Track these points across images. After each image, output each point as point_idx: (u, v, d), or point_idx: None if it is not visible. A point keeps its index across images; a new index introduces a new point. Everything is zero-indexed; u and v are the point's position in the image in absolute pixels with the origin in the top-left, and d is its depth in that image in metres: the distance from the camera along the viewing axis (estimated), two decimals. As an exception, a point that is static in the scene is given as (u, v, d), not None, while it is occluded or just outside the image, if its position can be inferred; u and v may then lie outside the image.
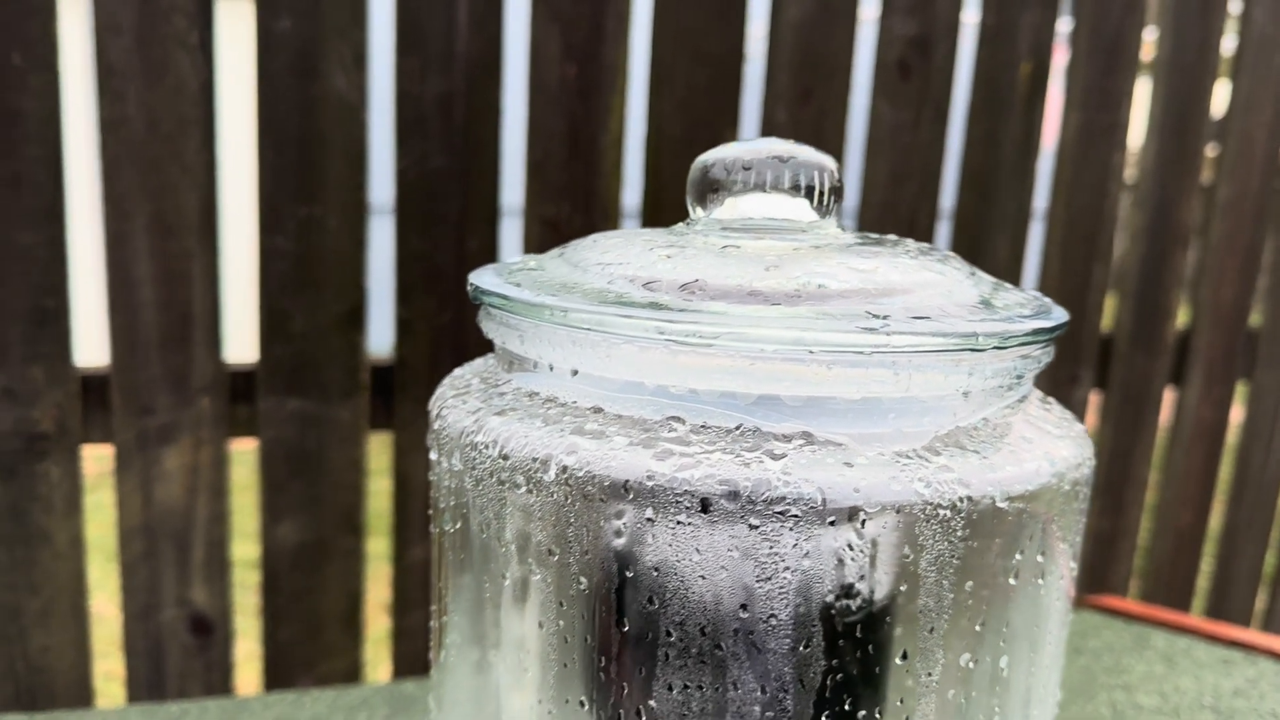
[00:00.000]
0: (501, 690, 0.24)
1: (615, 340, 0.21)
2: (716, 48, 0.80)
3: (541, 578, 0.22)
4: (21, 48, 0.67)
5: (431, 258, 0.78)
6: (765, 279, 0.22)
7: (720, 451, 0.21)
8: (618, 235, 0.26)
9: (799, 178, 0.25)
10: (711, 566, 0.20)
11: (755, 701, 0.21)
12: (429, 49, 0.75)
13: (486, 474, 0.23)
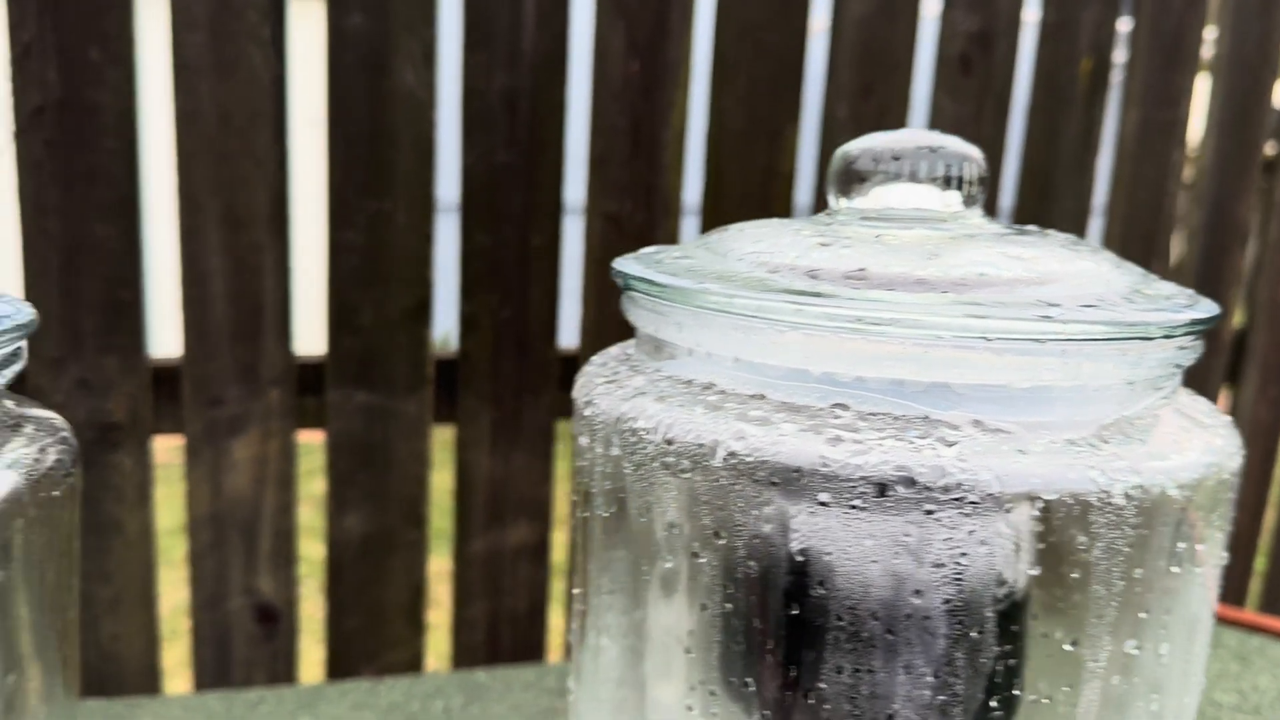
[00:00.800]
0: (653, 671, 0.24)
1: (782, 327, 0.22)
2: (779, 43, 0.80)
3: (706, 561, 0.22)
4: (99, 43, 0.68)
5: (495, 253, 0.78)
6: (928, 267, 0.22)
7: (892, 438, 0.21)
8: (761, 225, 0.27)
9: (948, 168, 0.25)
10: (885, 552, 0.21)
11: (926, 686, 0.21)
12: (496, 45, 0.75)
13: (648, 459, 0.23)
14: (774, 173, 0.82)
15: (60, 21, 0.67)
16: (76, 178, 0.69)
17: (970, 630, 0.21)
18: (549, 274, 0.79)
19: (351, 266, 0.75)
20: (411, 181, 0.75)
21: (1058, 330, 0.20)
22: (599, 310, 0.81)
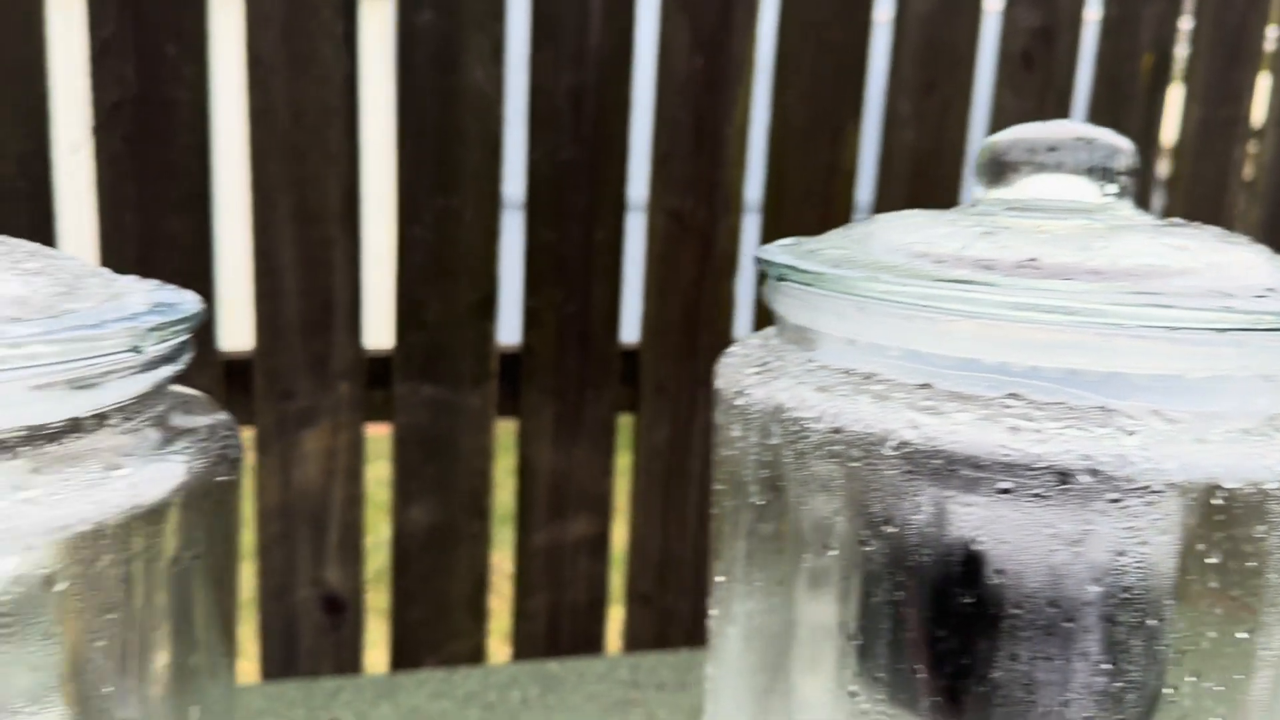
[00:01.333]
0: (805, 659, 0.25)
1: (955, 316, 0.22)
2: (842, 39, 0.80)
3: (875, 549, 0.23)
4: (176, 39, 0.69)
5: (559, 249, 0.79)
6: (1096, 258, 0.23)
7: (1071, 427, 0.21)
8: (907, 217, 0.27)
9: (1101, 159, 0.25)
10: (1065, 540, 0.21)
11: (1104, 674, 0.21)
12: (562, 42, 0.76)
13: (812, 448, 0.23)
14: (836, 169, 0.82)
15: (139, 18, 0.68)
16: (152, 172, 0.70)
17: (1149, 618, 0.21)
18: (612, 269, 0.80)
19: (419, 262, 0.75)
20: (479, 178, 0.76)
21: (1239, 320, 0.21)
22: (660, 305, 0.82)
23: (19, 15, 0.67)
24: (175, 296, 0.25)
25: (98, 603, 0.21)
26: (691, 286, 0.81)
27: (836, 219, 0.83)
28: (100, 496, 0.21)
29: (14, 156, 0.68)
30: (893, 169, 0.84)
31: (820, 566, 0.24)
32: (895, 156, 0.84)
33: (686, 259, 0.81)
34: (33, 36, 0.67)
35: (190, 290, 0.26)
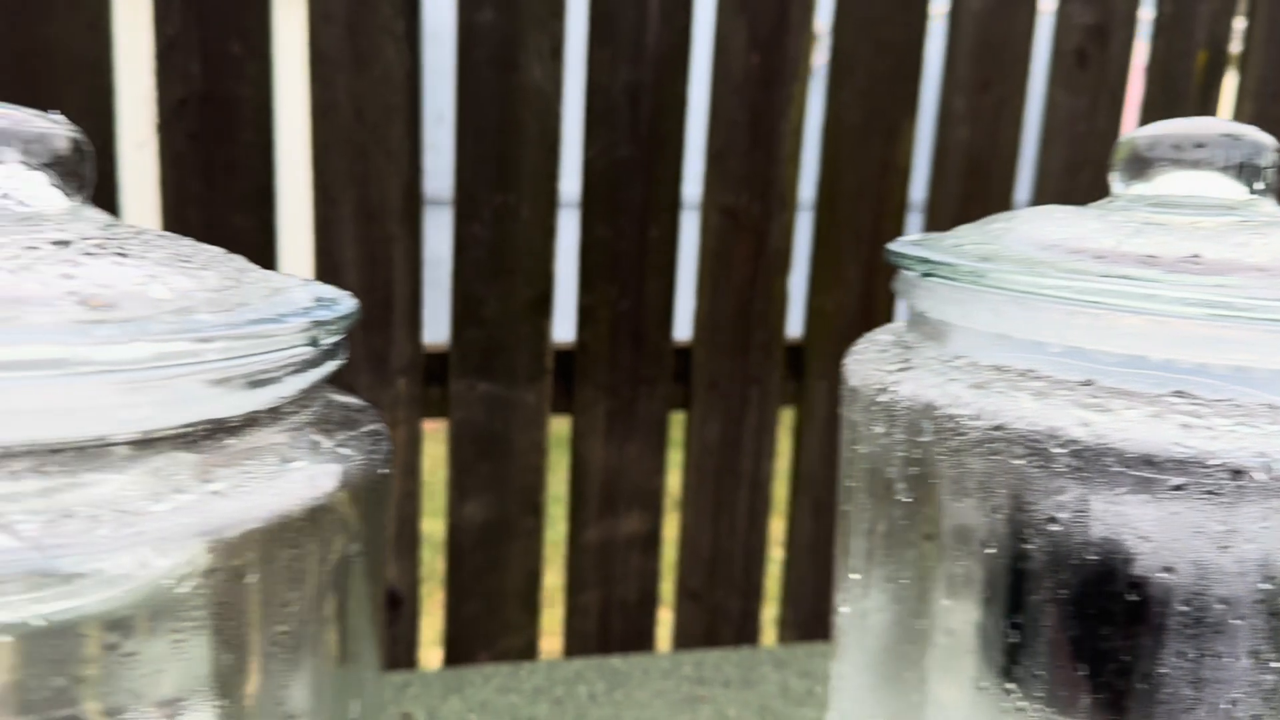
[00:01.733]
0: (953, 656, 0.25)
1: (1121, 313, 0.22)
2: (898, 37, 0.80)
3: (1037, 545, 0.23)
4: (240, 37, 0.69)
5: (613, 246, 0.79)
6: (1257, 254, 0.23)
7: (1242, 424, 0.21)
8: (1053, 212, 0.27)
9: (1247, 156, 0.25)
10: (1240, 536, 0.21)
11: (1274, 671, 0.21)
12: (620, 40, 0.76)
13: (969, 445, 0.23)
14: (890, 166, 0.82)
15: (203, 16, 0.68)
16: (217, 169, 0.70)
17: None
18: (666, 266, 0.80)
19: (477, 259, 0.76)
20: (536, 175, 0.76)
21: None
22: (713, 302, 0.82)
23: (87, 14, 0.67)
24: (331, 292, 0.25)
25: (275, 595, 0.21)
26: (745, 284, 0.82)
27: (890, 216, 0.83)
28: (280, 490, 0.21)
29: (81, 153, 0.69)
30: (946, 166, 0.84)
31: (974, 564, 0.24)
32: (949, 154, 0.84)
33: (740, 256, 0.81)
34: (99, 34, 0.68)
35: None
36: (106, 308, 0.20)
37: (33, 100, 0.67)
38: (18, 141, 0.22)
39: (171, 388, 0.20)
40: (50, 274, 0.20)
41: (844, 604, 0.29)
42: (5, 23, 0.66)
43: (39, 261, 0.20)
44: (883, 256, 0.83)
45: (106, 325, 0.19)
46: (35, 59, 0.67)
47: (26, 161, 0.22)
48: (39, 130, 0.22)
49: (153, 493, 0.19)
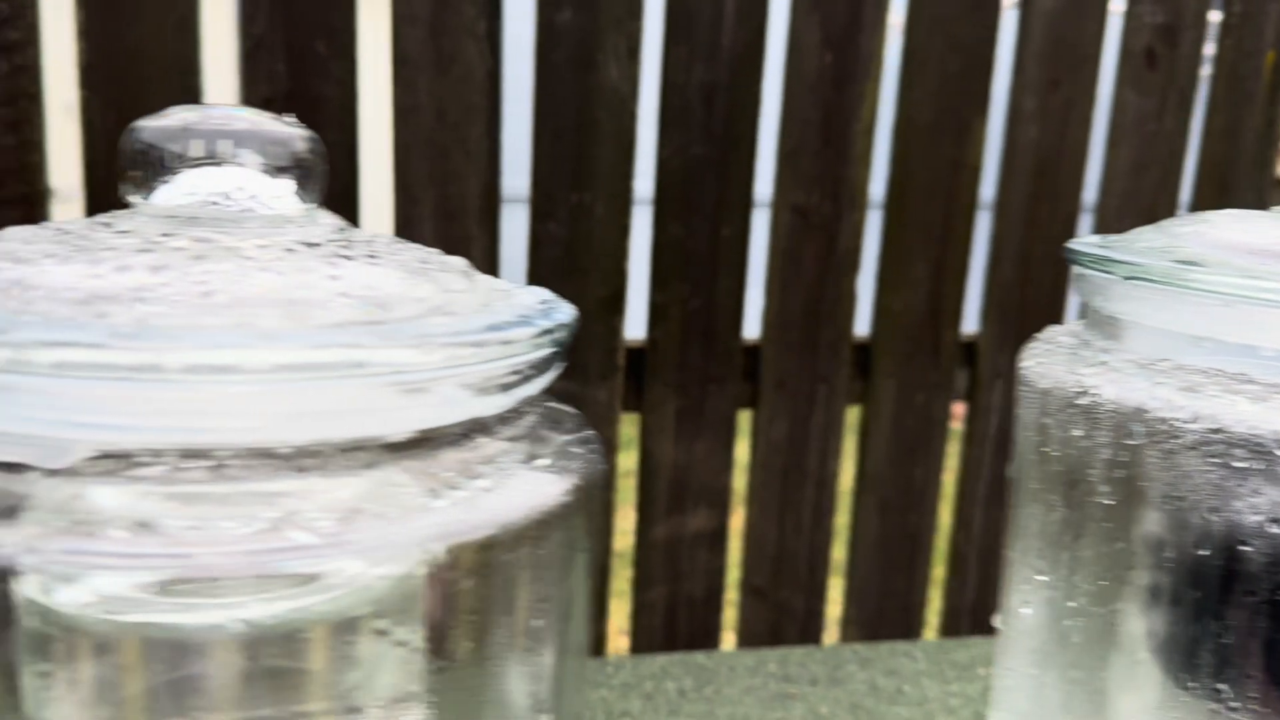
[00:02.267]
0: (1144, 659, 0.25)
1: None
2: (969, 36, 0.81)
3: (1257, 548, 0.23)
4: (325, 36, 0.70)
5: (686, 244, 0.80)
6: None
7: None
8: (1236, 216, 0.27)
9: None
10: None
11: None
12: (696, 39, 0.76)
13: (1183, 449, 0.24)
14: (960, 165, 0.82)
15: (290, 16, 0.69)
16: (301, 169, 0.71)
17: None
18: (737, 265, 0.80)
19: (552, 257, 0.76)
20: (611, 174, 0.76)
21: None
22: (782, 301, 0.82)
23: (175, 15, 0.68)
24: (548, 295, 0.26)
25: (518, 594, 0.22)
26: (814, 282, 0.82)
27: (959, 215, 0.83)
28: (528, 491, 0.22)
29: (168, 152, 0.69)
30: (1015, 165, 0.84)
31: (1185, 566, 0.24)
32: (1018, 153, 0.84)
33: (810, 255, 0.81)
34: (187, 34, 0.68)
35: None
36: (381, 309, 0.20)
37: (122, 99, 0.67)
38: (259, 144, 0.22)
39: (438, 391, 0.20)
40: (317, 276, 0.20)
41: (1024, 605, 0.29)
42: (96, 23, 0.67)
43: (302, 263, 0.21)
44: (953, 255, 0.83)
45: (396, 327, 0.19)
46: (124, 59, 0.68)
47: (267, 164, 0.23)
48: (279, 134, 0.23)
49: (427, 490, 0.20)
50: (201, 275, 0.19)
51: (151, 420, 0.18)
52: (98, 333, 0.17)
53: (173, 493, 0.18)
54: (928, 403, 0.85)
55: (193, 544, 0.18)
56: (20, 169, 0.68)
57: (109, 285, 0.19)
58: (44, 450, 0.17)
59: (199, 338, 0.17)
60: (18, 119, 0.67)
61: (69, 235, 0.21)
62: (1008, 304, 0.86)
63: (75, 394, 0.17)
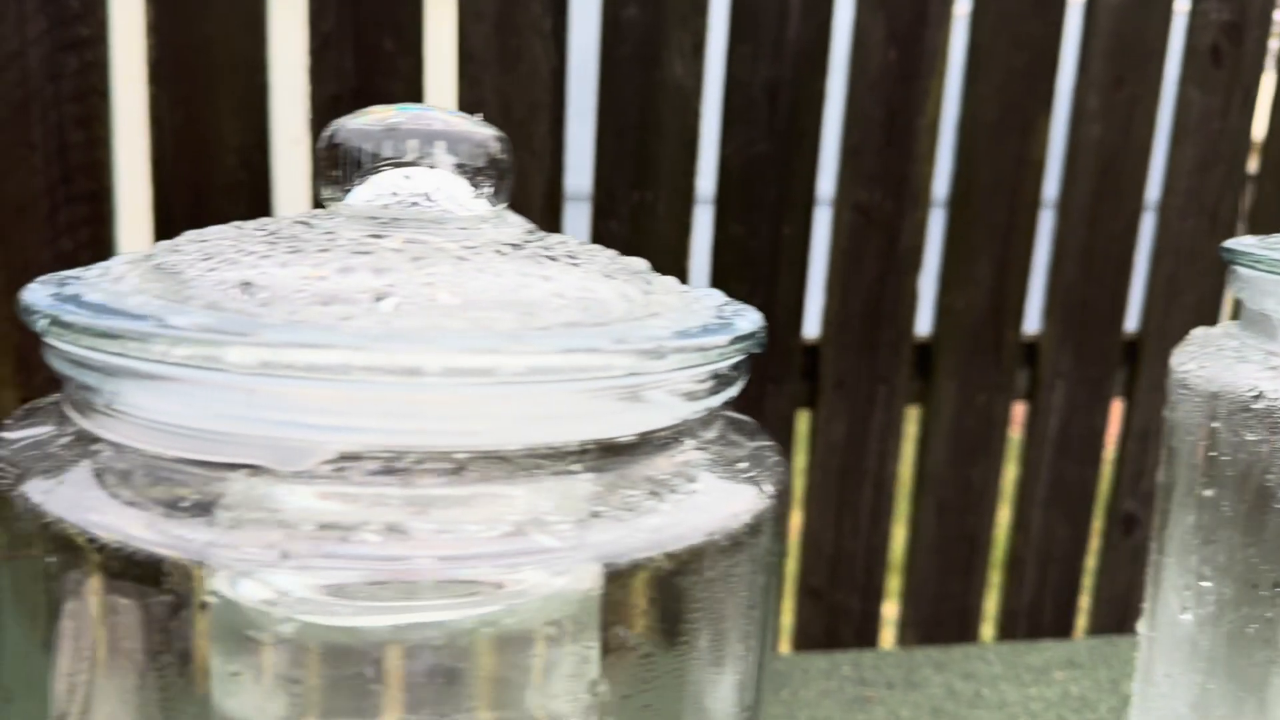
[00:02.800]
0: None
1: None
2: (1035, 32, 0.80)
3: None
4: (393, 33, 0.70)
5: (747, 243, 0.79)
6: None
7: None
8: None
9: None
10: None
11: None
12: (761, 36, 0.76)
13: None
14: (1024, 163, 0.81)
15: (358, 13, 0.69)
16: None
17: None
18: (798, 264, 0.80)
19: (616, 255, 0.76)
20: (674, 172, 0.76)
21: None
22: (842, 300, 0.81)
23: (243, 12, 0.67)
24: (725, 298, 0.25)
25: (726, 600, 0.21)
26: (875, 281, 0.81)
27: (1023, 213, 0.82)
28: (728, 499, 0.21)
29: (236, 149, 0.69)
30: (1078, 164, 0.83)
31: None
32: (1081, 151, 0.83)
33: (871, 254, 0.81)
34: (254, 32, 0.68)
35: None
36: (601, 312, 0.20)
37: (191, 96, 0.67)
38: (456, 145, 0.22)
39: (653, 395, 0.20)
40: (531, 278, 0.20)
41: (1184, 611, 0.29)
42: (165, 19, 0.67)
43: (514, 266, 0.20)
44: (1016, 254, 0.82)
45: (625, 330, 0.19)
46: (193, 55, 0.67)
47: (462, 165, 0.22)
48: (476, 135, 0.22)
49: (649, 494, 0.19)
50: (425, 277, 0.19)
51: (394, 423, 0.17)
52: (353, 336, 0.16)
53: (413, 495, 0.17)
54: (988, 403, 0.85)
55: (437, 547, 0.17)
56: (89, 166, 0.68)
57: (337, 287, 0.18)
58: (285, 453, 0.17)
59: (455, 340, 0.17)
60: (87, 115, 0.67)
61: (275, 235, 0.20)
62: (1070, 303, 0.85)
63: (318, 396, 0.17)
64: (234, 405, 0.16)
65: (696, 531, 0.19)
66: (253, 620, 0.18)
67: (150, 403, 0.17)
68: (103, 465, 0.18)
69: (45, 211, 0.68)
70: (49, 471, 0.18)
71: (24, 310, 0.18)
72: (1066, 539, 0.90)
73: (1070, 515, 0.90)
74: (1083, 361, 0.87)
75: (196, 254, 0.19)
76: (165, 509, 0.17)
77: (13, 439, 0.19)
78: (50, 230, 0.68)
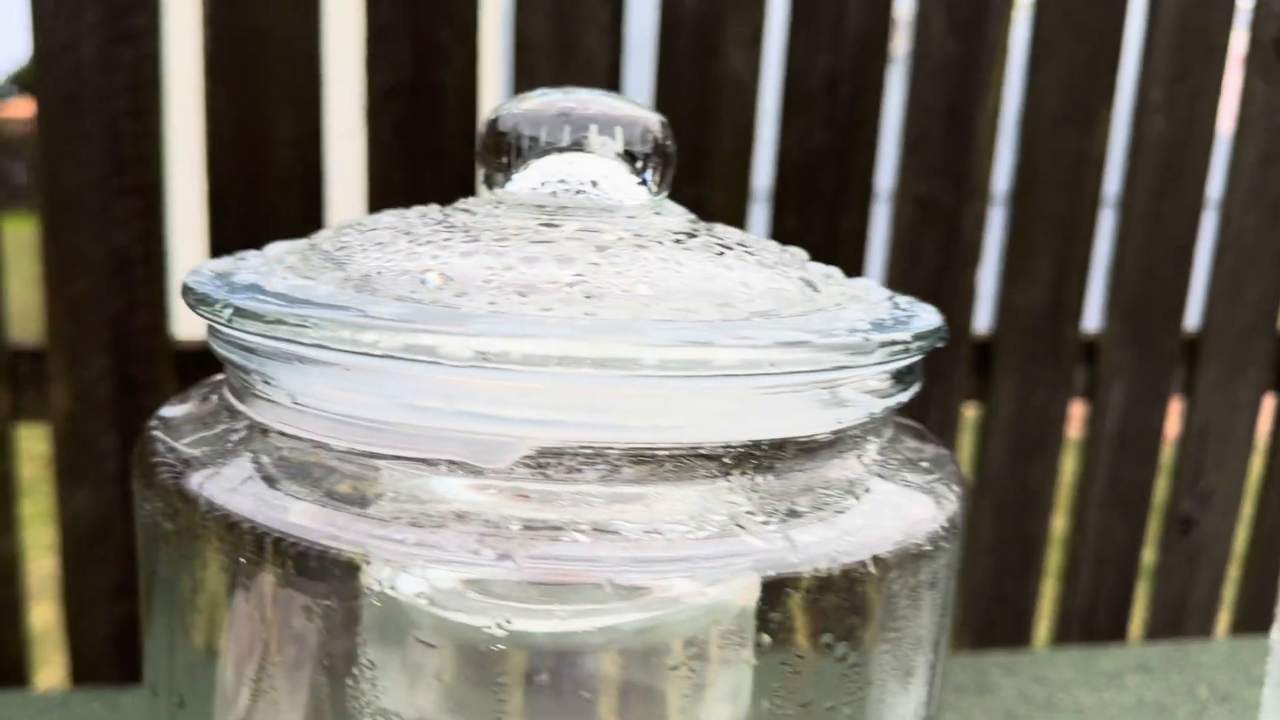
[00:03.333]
0: None
1: None
2: (1099, 24, 0.78)
3: None
4: (449, 23, 0.68)
5: (802, 237, 0.77)
6: None
7: None
8: None
9: None
10: None
11: None
12: (821, 25, 0.74)
13: None
14: (1086, 156, 0.80)
15: (414, 3, 0.67)
16: (422, 159, 0.69)
17: None
18: (855, 259, 0.78)
19: (673, 250, 0.74)
20: (730, 165, 0.74)
21: None
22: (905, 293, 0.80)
23: (297, 3, 0.66)
24: (889, 292, 0.24)
25: (915, 610, 0.20)
26: (933, 276, 0.80)
27: (1085, 208, 0.81)
28: (913, 505, 0.20)
29: (289, 142, 0.68)
30: (1141, 157, 0.81)
31: None
32: (1144, 145, 0.81)
33: (930, 247, 0.79)
34: (309, 23, 0.67)
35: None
36: (789, 305, 0.18)
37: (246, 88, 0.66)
38: (621, 130, 0.21)
39: (843, 392, 0.19)
40: (714, 268, 0.19)
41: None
42: (220, 7, 0.66)
43: (694, 256, 0.19)
44: (1077, 250, 0.80)
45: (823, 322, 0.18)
46: (249, 44, 0.66)
47: (628, 151, 0.21)
48: (641, 120, 0.21)
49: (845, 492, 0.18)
50: (613, 267, 0.17)
51: (596, 417, 0.16)
52: (567, 327, 0.15)
53: (615, 493, 0.16)
54: (1047, 402, 0.83)
55: (645, 547, 0.16)
56: (142, 158, 0.67)
57: (528, 278, 0.17)
58: (485, 449, 0.16)
59: (670, 333, 0.15)
60: (140, 107, 0.66)
61: (446, 225, 0.19)
62: (1130, 300, 0.84)
63: (520, 389, 0.15)
64: (432, 398, 0.15)
65: (896, 533, 0.18)
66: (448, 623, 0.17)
67: (339, 395, 0.16)
68: (278, 458, 0.17)
69: (98, 205, 0.67)
70: (218, 463, 0.17)
71: (196, 300, 0.17)
72: (1123, 540, 0.88)
73: (1127, 516, 0.88)
74: (1142, 359, 0.85)
75: (367, 243, 0.18)
76: (349, 505, 0.16)
77: (178, 426, 0.18)
78: (103, 223, 0.67)
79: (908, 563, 0.18)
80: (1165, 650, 0.69)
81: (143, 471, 0.18)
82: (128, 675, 0.70)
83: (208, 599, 0.18)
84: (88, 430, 0.68)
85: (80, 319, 0.67)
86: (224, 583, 0.17)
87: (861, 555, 0.17)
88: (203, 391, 0.20)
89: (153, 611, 0.19)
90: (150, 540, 0.18)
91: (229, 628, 0.17)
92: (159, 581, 0.18)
